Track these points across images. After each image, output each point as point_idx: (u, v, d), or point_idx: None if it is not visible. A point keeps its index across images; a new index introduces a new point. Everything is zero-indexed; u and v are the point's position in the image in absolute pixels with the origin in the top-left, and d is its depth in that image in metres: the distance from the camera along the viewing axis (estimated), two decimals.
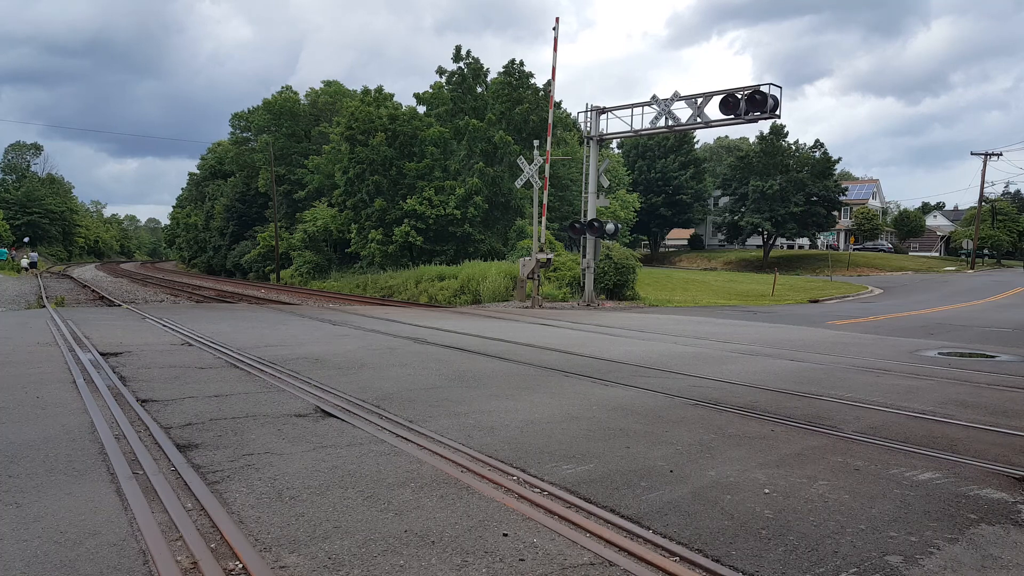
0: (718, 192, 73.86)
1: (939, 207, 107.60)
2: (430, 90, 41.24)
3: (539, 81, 39.64)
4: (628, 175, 64.94)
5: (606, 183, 24.75)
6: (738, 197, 66.17)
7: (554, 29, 23.19)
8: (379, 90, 40.99)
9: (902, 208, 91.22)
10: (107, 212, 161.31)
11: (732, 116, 19.95)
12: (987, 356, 12.36)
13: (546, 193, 25.27)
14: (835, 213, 66.39)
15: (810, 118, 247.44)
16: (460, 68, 40.07)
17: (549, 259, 23.94)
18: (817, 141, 66.52)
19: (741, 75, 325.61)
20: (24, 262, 57.35)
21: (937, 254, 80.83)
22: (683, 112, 21.50)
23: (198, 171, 78.21)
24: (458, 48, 40.33)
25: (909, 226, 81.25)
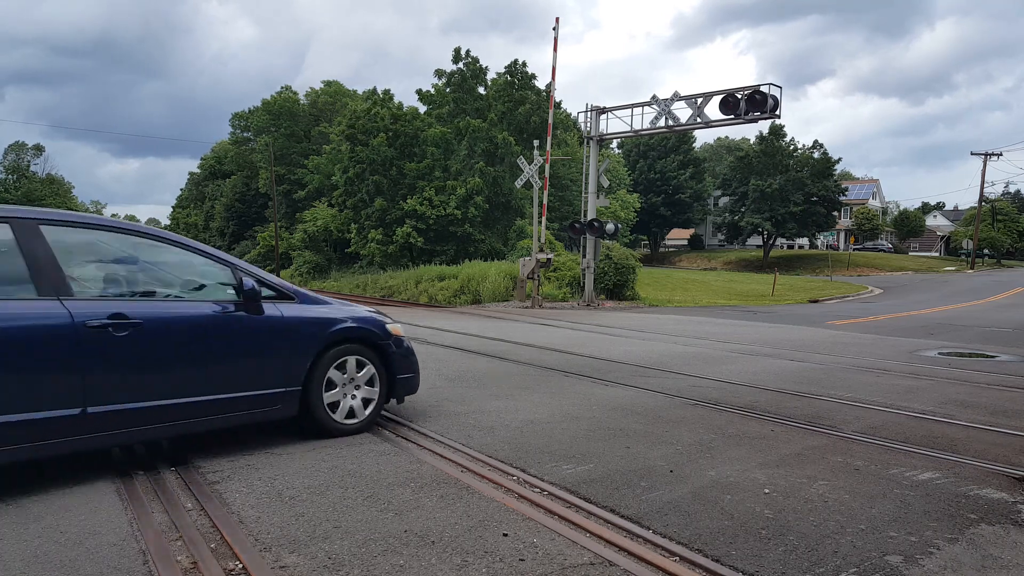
0: (718, 192, 73.89)
1: (939, 207, 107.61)
2: (432, 90, 41.25)
3: (542, 82, 39.74)
4: (628, 175, 65.03)
5: (606, 183, 24.75)
6: (738, 197, 66.21)
7: (554, 29, 23.20)
8: (386, 92, 41.05)
9: (902, 208, 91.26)
10: (107, 212, 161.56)
11: (732, 116, 19.97)
12: (987, 356, 12.36)
13: (546, 193, 25.28)
14: (835, 213, 66.42)
15: (812, 118, 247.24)
16: (460, 69, 40.10)
17: (549, 259, 23.94)
18: (816, 142, 66.65)
19: (744, 76, 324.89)
20: None
21: (937, 254, 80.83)
22: (683, 112, 21.54)
23: (198, 171, 78.25)
24: (457, 49, 40.37)
25: (909, 226, 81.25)
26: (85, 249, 4.83)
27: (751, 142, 73.05)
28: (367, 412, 5.81)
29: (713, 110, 20.47)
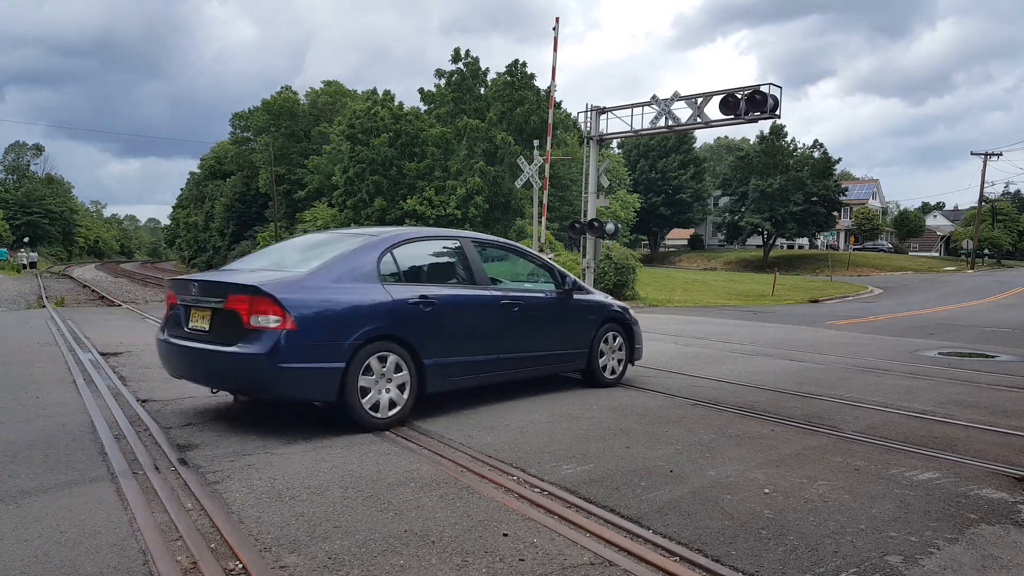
0: (718, 192, 73.91)
1: (939, 207, 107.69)
2: (433, 91, 41.21)
3: (542, 82, 39.75)
4: (629, 175, 65.04)
5: (606, 183, 24.74)
6: (738, 197, 66.20)
7: (554, 29, 23.22)
8: (386, 93, 41.04)
9: (902, 208, 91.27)
10: (108, 212, 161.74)
11: (732, 116, 19.93)
12: (987, 356, 12.36)
13: (546, 193, 25.29)
14: (835, 213, 66.44)
15: (813, 118, 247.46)
16: (459, 69, 40.09)
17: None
18: (816, 141, 66.60)
19: (745, 76, 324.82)
20: (23, 259, 57.49)
21: (937, 254, 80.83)
22: (683, 112, 21.51)
23: (198, 171, 78.25)
24: (456, 49, 40.37)
25: (909, 226, 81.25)
26: (487, 257, 7.39)
27: (751, 142, 73.04)
28: (620, 371, 8.32)
29: (713, 110, 20.46)
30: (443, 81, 40.65)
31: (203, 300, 5.87)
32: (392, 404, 5.94)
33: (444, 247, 7.03)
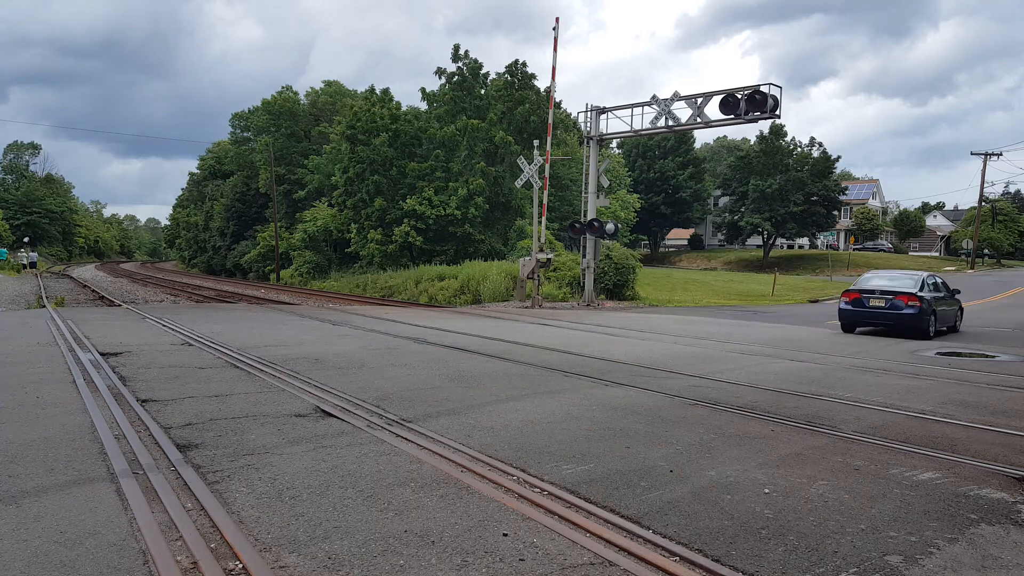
0: (718, 192, 73.86)
1: (939, 207, 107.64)
2: (437, 92, 41.11)
3: (543, 81, 39.71)
4: (628, 175, 64.94)
5: (606, 183, 24.75)
6: (738, 197, 66.15)
7: (554, 29, 23.20)
8: (385, 91, 40.95)
9: (902, 208, 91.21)
10: (108, 212, 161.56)
11: (732, 116, 19.96)
12: (987, 356, 12.36)
13: (546, 193, 25.28)
14: (835, 213, 66.36)
15: (817, 118, 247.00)
16: (460, 68, 40.01)
17: (549, 259, 23.94)
18: (812, 139, 66.50)
19: (749, 76, 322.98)
20: (23, 259, 57.53)
21: (937, 254, 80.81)
22: (683, 112, 21.52)
23: (198, 171, 78.17)
24: (456, 48, 40.29)
25: (909, 226, 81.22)
26: (932, 282, 16.49)
27: (751, 142, 72.99)
28: (959, 327, 17.59)
29: (713, 110, 20.48)
30: (443, 80, 40.59)
31: (881, 296, 15.30)
32: (934, 331, 15.17)
33: (934, 279, 16.17)
